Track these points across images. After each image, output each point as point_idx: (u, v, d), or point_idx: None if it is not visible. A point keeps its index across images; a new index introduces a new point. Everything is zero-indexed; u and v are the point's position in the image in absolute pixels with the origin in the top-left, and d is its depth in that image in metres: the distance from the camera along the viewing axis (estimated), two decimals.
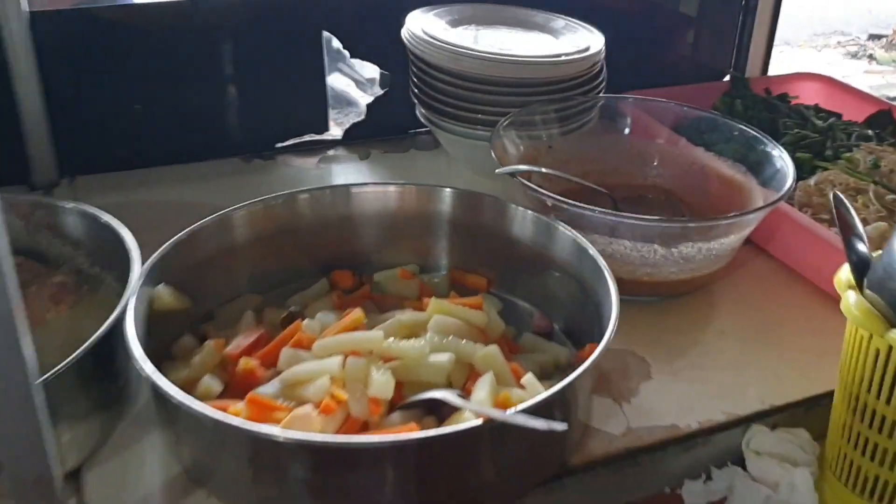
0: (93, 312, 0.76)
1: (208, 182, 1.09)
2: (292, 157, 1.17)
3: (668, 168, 1.03)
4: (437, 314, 0.76)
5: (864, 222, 0.93)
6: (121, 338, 0.67)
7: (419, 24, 1.05)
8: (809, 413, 0.78)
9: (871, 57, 3.80)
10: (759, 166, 0.94)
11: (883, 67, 3.66)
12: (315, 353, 0.72)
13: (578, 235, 0.79)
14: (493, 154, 0.89)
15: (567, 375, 0.64)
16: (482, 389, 0.68)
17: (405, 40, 1.05)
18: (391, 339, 0.72)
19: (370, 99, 1.20)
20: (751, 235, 0.89)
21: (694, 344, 0.85)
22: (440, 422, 0.67)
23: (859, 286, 0.66)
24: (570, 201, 0.81)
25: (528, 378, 0.70)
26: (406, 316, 0.77)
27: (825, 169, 1.02)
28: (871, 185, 0.98)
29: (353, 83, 1.22)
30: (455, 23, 1.09)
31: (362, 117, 1.20)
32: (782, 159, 0.91)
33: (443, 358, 0.71)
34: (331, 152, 1.18)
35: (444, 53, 1.00)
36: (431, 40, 1.01)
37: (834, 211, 0.70)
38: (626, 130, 1.05)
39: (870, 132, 1.12)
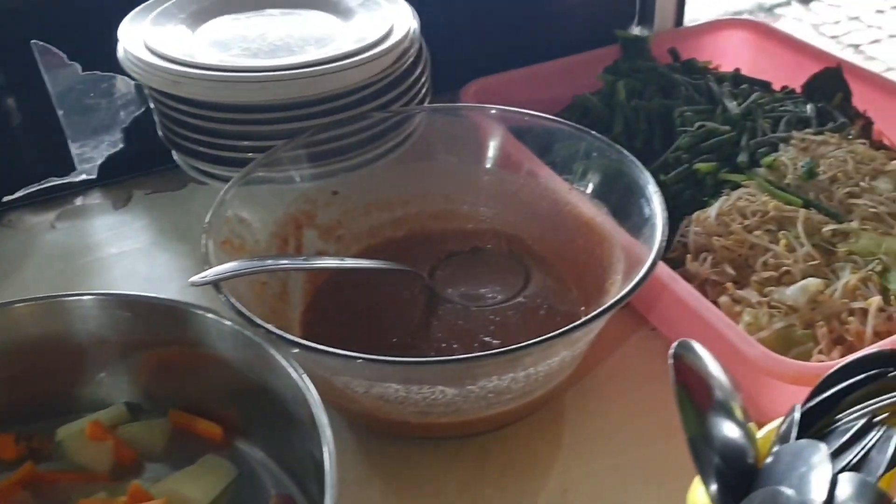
0: None
1: None
2: (24, 213, 0.85)
3: (511, 205, 0.71)
4: None
5: (787, 278, 0.62)
6: None
7: (134, 31, 0.72)
8: None
9: None
10: (625, 206, 0.63)
11: None
12: None
13: (302, 380, 0.49)
14: (206, 241, 0.58)
15: None
16: None
17: (119, 57, 0.72)
18: None
19: (127, 122, 0.88)
20: (630, 301, 0.58)
21: None
22: None
23: None
24: (290, 338, 0.51)
25: None
26: None
27: (736, 185, 0.70)
28: (800, 212, 0.66)
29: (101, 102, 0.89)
30: (198, 17, 0.76)
31: (119, 147, 0.88)
32: (651, 204, 0.59)
33: None
34: (78, 201, 0.87)
35: (162, 75, 0.68)
36: (139, 59, 0.69)
37: (673, 370, 0.39)
38: (449, 153, 0.73)
39: (808, 110, 0.79)
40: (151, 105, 0.77)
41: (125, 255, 0.80)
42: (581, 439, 0.59)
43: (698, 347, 0.40)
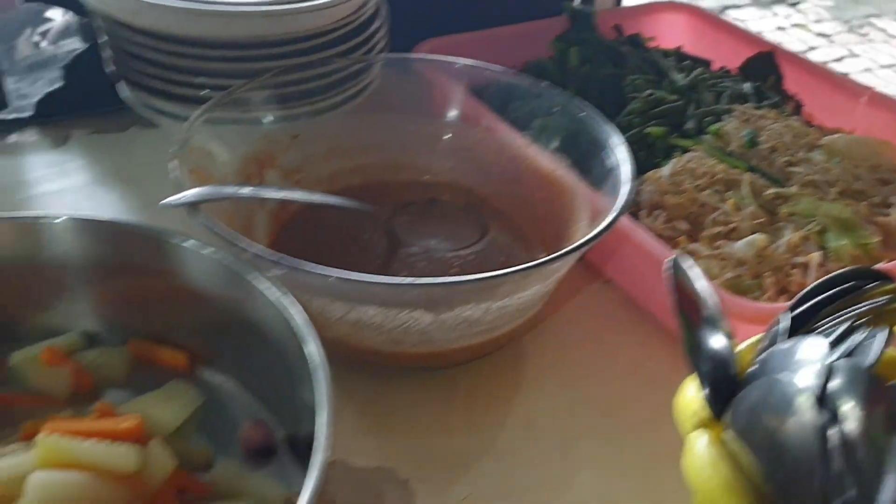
0: None
1: None
2: None
3: (469, 158, 0.73)
4: (49, 463, 0.46)
5: (735, 234, 0.66)
6: None
7: None
8: None
9: None
10: (586, 159, 0.65)
11: None
12: None
13: (285, 302, 0.49)
14: (173, 166, 0.57)
15: None
16: None
17: None
18: None
19: (67, 58, 0.85)
20: (586, 254, 0.60)
21: (486, 450, 0.56)
22: None
23: (716, 420, 0.39)
24: (272, 254, 0.51)
25: None
26: None
27: (685, 150, 0.74)
28: (745, 175, 0.70)
29: (39, 37, 0.86)
30: None
31: (58, 84, 0.85)
32: (615, 154, 0.61)
33: None
34: (13, 138, 0.84)
35: (121, 4, 0.67)
36: None
37: (670, 284, 0.42)
38: (409, 104, 0.73)
39: (746, 87, 0.84)
40: (103, 38, 0.75)
41: (66, 192, 0.77)
42: (542, 377, 0.61)
43: (689, 264, 0.42)
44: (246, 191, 0.58)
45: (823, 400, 0.35)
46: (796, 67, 0.88)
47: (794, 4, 3.48)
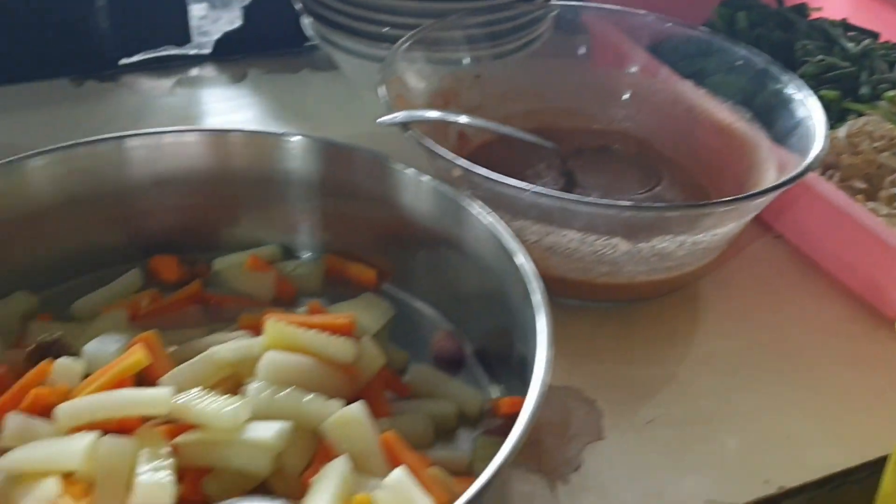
0: None
1: (16, 113, 0.79)
2: (141, 77, 0.86)
3: (643, 109, 0.74)
4: (276, 347, 0.49)
5: None
6: None
7: None
8: (838, 495, 0.53)
9: None
10: (770, 113, 0.66)
11: None
12: (57, 424, 0.44)
13: (495, 222, 0.51)
14: (381, 91, 0.60)
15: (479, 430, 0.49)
16: (322, 496, 0.41)
17: None
18: (194, 393, 0.45)
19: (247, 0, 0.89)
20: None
21: (669, 380, 0.58)
22: None
23: None
24: (485, 172, 0.53)
25: (395, 478, 0.43)
26: (227, 350, 0.49)
27: (860, 114, 0.74)
28: None
29: None
30: None
31: (238, 24, 0.89)
32: (806, 106, 0.62)
33: (266, 433, 0.44)
34: (194, 72, 0.88)
35: None
36: None
37: None
38: (586, 53, 0.75)
39: None
40: None
41: (247, 123, 0.81)
42: (719, 319, 0.63)
43: None
44: (456, 117, 0.61)
45: None
46: None
47: None
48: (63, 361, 0.48)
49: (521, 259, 0.49)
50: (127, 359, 0.46)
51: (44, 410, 0.45)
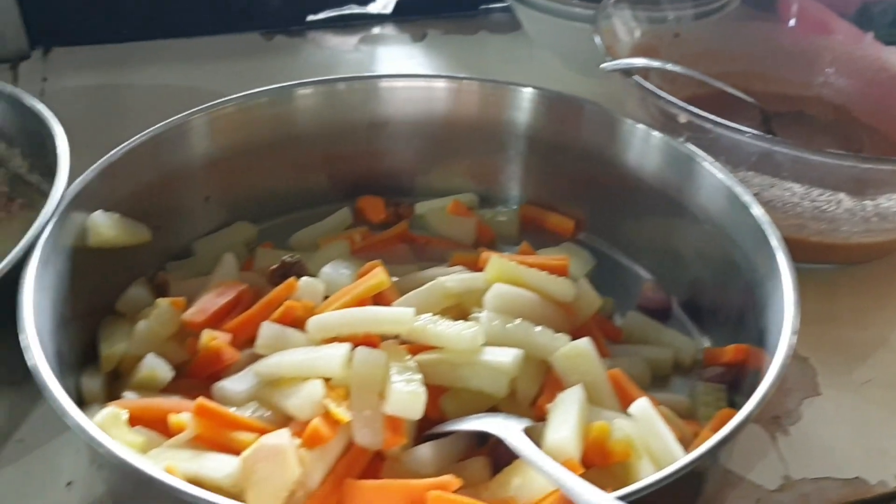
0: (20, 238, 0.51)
1: (213, 63, 0.83)
2: (326, 34, 0.89)
3: (844, 75, 0.73)
4: (500, 282, 0.50)
5: None
6: None
7: None
8: None
9: None
10: None
11: None
12: (309, 336, 0.46)
13: (727, 175, 0.51)
14: (598, 40, 0.60)
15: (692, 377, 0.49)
16: (565, 424, 0.42)
17: None
18: (428, 317, 0.46)
19: None
20: None
21: (880, 344, 0.57)
22: (494, 463, 0.42)
23: None
24: (717, 119, 0.53)
25: (641, 407, 0.43)
26: (453, 280, 0.51)
27: None
28: None
29: None
30: None
31: None
32: None
33: (504, 358, 0.45)
34: (376, 30, 0.90)
35: None
36: None
37: None
38: (788, 18, 0.74)
39: None
40: None
41: None
42: None
43: None
44: (674, 67, 0.61)
45: None
46: None
47: None
48: (308, 280, 0.50)
49: (758, 210, 0.49)
50: (369, 280, 0.48)
51: (293, 322, 0.47)
